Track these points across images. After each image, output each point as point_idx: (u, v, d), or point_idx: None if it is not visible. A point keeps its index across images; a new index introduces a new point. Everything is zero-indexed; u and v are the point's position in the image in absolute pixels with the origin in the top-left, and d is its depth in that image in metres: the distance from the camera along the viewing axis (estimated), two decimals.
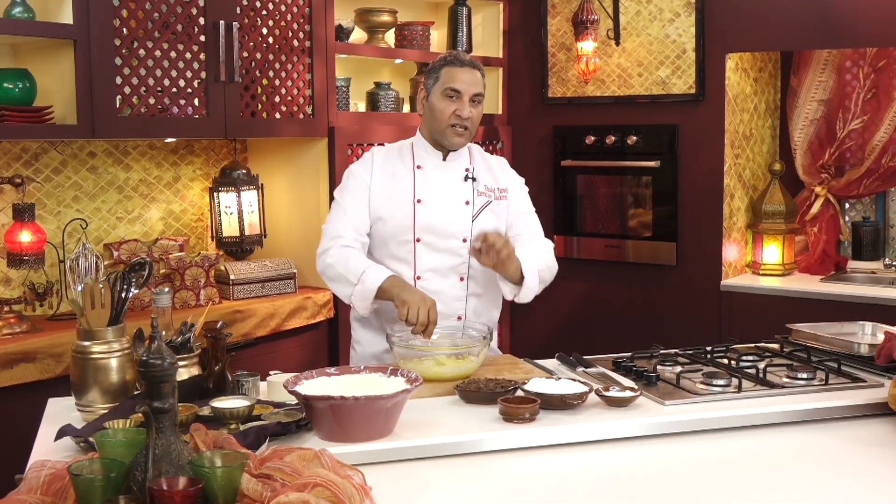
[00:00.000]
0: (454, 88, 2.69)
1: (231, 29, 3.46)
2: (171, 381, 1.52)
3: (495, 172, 2.85)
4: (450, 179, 2.78)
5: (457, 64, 2.71)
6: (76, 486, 1.44)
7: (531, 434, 1.98)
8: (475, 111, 2.72)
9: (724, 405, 2.15)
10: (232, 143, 3.99)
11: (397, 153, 2.82)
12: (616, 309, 4.54)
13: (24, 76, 3.06)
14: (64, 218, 3.44)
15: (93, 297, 2.09)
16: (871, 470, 1.86)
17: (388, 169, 2.78)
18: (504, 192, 2.83)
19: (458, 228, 2.75)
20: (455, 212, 2.75)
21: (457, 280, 2.76)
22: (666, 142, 4.35)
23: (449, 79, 2.70)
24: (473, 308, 2.79)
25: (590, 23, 4.31)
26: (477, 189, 2.79)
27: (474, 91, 2.70)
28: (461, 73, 2.70)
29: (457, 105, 2.69)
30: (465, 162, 2.81)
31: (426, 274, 2.73)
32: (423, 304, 2.48)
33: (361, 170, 2.79)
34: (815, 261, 4.43)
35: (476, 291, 2.79)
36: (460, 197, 2.77)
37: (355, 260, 2.65)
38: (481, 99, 2.74)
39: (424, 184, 2.76)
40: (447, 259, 2.75)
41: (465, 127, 2.71)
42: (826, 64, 4.43)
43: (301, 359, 3.79)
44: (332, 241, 2.71)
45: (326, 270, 2.70)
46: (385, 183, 2.76)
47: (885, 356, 2.41)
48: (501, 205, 2.82)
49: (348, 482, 1.51)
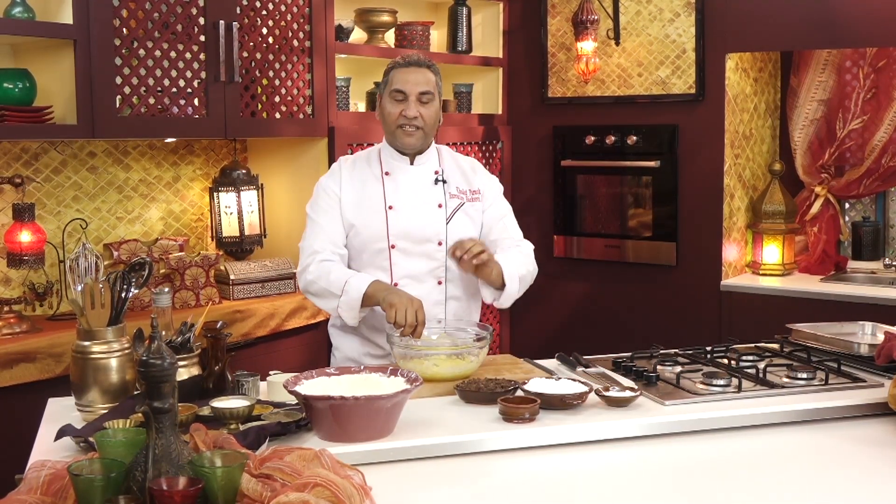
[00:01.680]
0: (398, 89, 2.68)
1: (231, 29, 3.46)
2: (171, 381, 1.52)
3: (466, 174, 2.83)
4: (420, 183, 2.76)
5: (402, 65, 2.71)
6: (76, 486, 1.44)
7: (531, 434, 1.98)
8: (425, 110, 2.70)
9: (724, 405, 2.15)
10: (232, 143, 3.99)
11: (365, 161, 2.80)
12: (616, 309, 4.54)
13: (24, 76, 3.06)
14: (64, 218, 3.44)
15: (93, 297, 2.09)
16: (871, 470, 1.86)
17: (357, 178, 2.76)
18: (476, 193, 2.81)
19: (433, 232, 2.73)
20: (428, 216, 2.73)
21: (435, 284, 2.75)
22: (666, 142, 4.35)
23: (395, 80, 2.70)
24: (453, 311, 2.77)
25: (590, 23, 4.32)
26: (448, 191, 2.76)
27: (420, 90, 2.68)
28: (406, 74, 2.69)
29: (403, 106, 2.68)
30: (434, 164, 2.79)
31: (403, 280, 2.71)
32: (410, 305, 2.47)
33: (330, 182, 2.78)
34: (815, 261, 4.43)
35: (455, 294, 2.77)
36: (432, 200, 2.75)
37: (336, 272, 2.64)
38: (431, 98, 2.70)
39: (395, 190, 2.74)
40: (423, 264, 2.73)
41: (415, 126, 2.69)
42: (826, 64, 4.43)
43: (301, 359, 3.78)
44: (310, 258, 2.70)
45: (309, 287, 2.69)
46: (355, 192, 2.74)
47: (885, 356, 2.41)
48: (475, 206, 2.80)
49: (348, 482, 1.51)
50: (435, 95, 2.72)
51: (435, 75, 2.73)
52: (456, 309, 2.78)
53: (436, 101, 2.73)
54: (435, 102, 2.72)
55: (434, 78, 2.73)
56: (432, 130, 2.75)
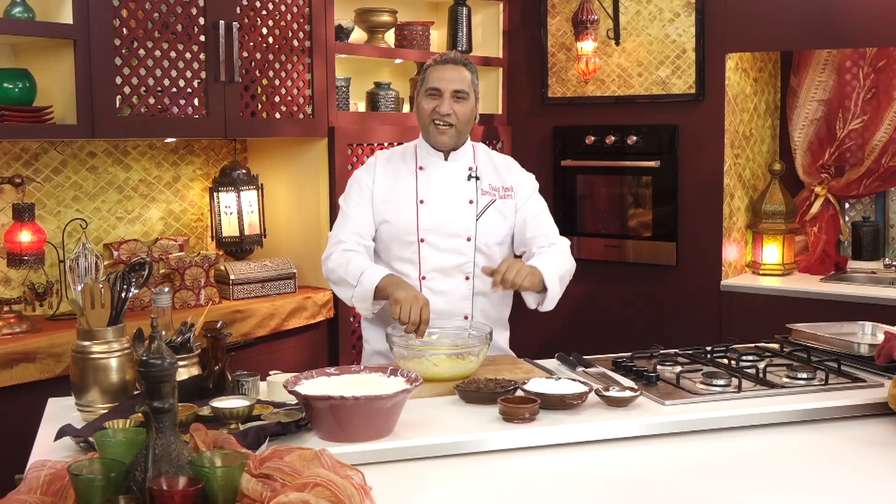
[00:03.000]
0: (434, 87, 2.72)
1: (231, 29, 3.46)
2: (171, 381, 1.52)
3: (501, 172, 2.85)
4: (452, 179, 2.79)
5: (439, 63, 2.75)
6: (76, 486, 1.44)
7: (531, 434, 1.98)
8: (459, 107, 2.72)
9: (724, 405, 2.15)
10: (232, 143, 3.99)
11: (400, 156, 2.84)
12: (616, 309, 4.54)
13: (24, 76, 3.06)
14: (64, 218, 3.44)
15: (93, 297, 2.09)
16: (871, 470, 1.86)
17: (391, 172, 2.80)
18: (509, 190, 2.83)
19: (462, 227, 2.75)
20: (458, 211, 2.76)
21: (462, 279, 2.76)
22: (666, 142, 4.35)
23: (430, 78, 2.74)
24: (481, 307, 2.79)
25: (590, 23, 4.32)
26: (481, 188, 2.79)
27: (454, 87, 2.71)
28: (441, 72, 2.73)
29: (437, 102, 2.72)
30: (469, 161, 2.82)
31: (431, 274, 2.74)
32: (415, 302, 2.48)
33: (364, 174, 2.82)
34: (815, 261, 4.43)
35: (483, 290, 2.79)
36: (463, 196, 2.77)
37: (355, 262, 2.66)
38: (466, 95, 2.73)
39: (427, 184, 2.77)
40: (452, 258, 2.75)
41: (448, 124, 2.72)
42: (826, 64, 4.43)
43: (301, 359, 3.79)
44: (334, 247, 2.73)
45: (329, 275, 2.73)
46: (388, 185, 2.78)
47: (885, 356, 2.41)
48: (507, 203, 2.82)
49: (348, 482, 1.51)
50: (470, 94, 2.75)
51: (471, 73, 2.77)
52: (484, 305, 2.80)
53: (470, 100, 2.76)
54: (470, 100, 2.75)
55: (470, 76, 2.75)
56: (466, 128, 2.78)
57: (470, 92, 2.74)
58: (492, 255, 2.80)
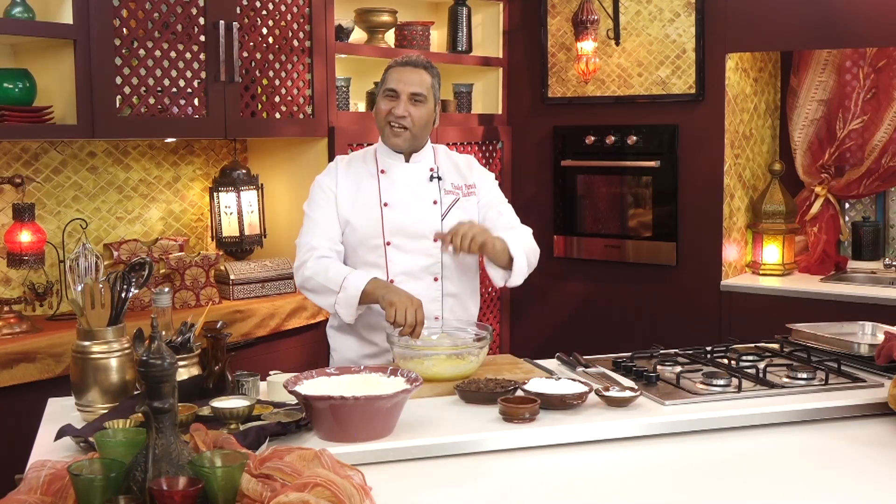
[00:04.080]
0: (391, 88, 2.70)
1: (231, 29, 3.46)
2: (171, 381, 1.52)
3: (462, 170, 2.84)
4: (415, 181, 2.77)
5: (399, 64, 2.73)
6: (76, 486, 1.44)
7: (531, 434, 1.98)
8: (415, 111, 2.69)
9: (724, 405, 2.15)
10: (232, 143, 3.99)
11: (361, 159, 2.81)
12: (616, 309, 4.54)
13: (24, 76, 3.06)
14: (64, 218, 3.44)
15: (93, 297, 2.09)
16: (871, 470, 1.86)
17: (353, 175, 2.77)
18: (472, 188, 2.82)
19: (428, 228, 2.74)
20: (423, 212, 2.74)
21: (431, 281, 2.75)
22: (666, 142, 4.35)
23: (389, 79, 2.72)
24: (450, 307, 2.78)
25: (590, 23, 4.32)
26: (443, 188, 2.78)
27: (412, 90, 2.68)
28: (400, 73, 2.71)
29: (393, 104, 2.69)
30: (430, 162, 2.80)
31: (399, 277, 2.72)
32: (410, 304, 2.47)
33: (326, 179, 2.78)
34: (815, 261, 4.43)
35: (452, 291, 2.78)
36: (427, 197, 2.76)
37: (335, 269, 2.64)
38: (424, 99, 2.70)
39: (389, 187, 2.75)
40: (419, 260, 2.74)
41: (403, 126, 2.70)
42: (826, 64, 4.43)
43: (301, 359, 3.79)
44: (307, 254, 2.69)
45: (306, 283, 2.69)
46: (350, 189, 2.75)
47: (885, 356, 2.41)
48: (470, 201, 2.81)
49: (348, 482, 1.51)
50: (428, 97, 2.72)
51: (432, 77, 2.74)
52: (453, 305, 2.79)
53: (428, 103, 2.72)
54: (427, 104, 2.72)
55: (430, 80, 2.73)
56: (421, 132, 2.74)
57: (428, 95, 2.71)
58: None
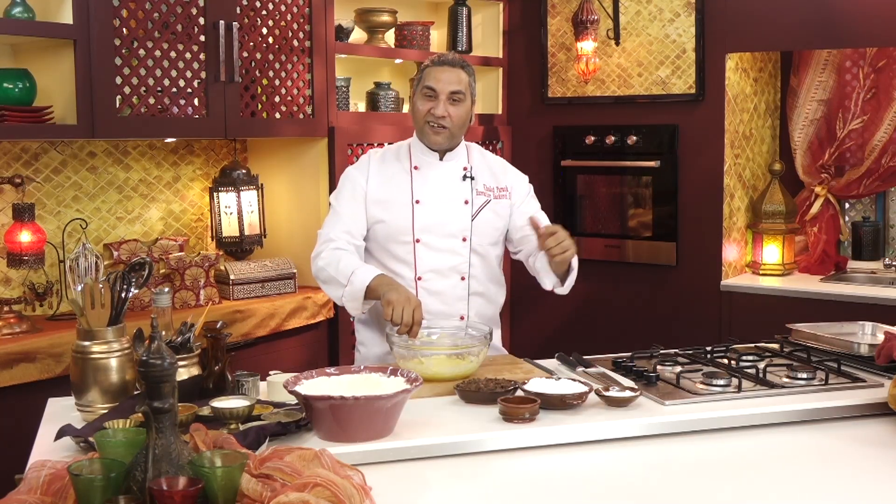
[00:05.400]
0: (430, 87, 2.71)
1: (231, 29, 3.46)
2: (171, 381, 1.52)
3: (495, 172, 2.85)
4: (447, 179, 2.78)
5: (437, 63, 2.74)
6: (76, 486, 1.44)
7: (531, 434, 1.98)
8: (454, 109, 2.71)
9: (724, 405, 2.15)
10: (232, 143, 3.99)
11: (394, 155, 2.82)
12: (616, 309, 4.54)
13: (24, 76, 3.06)
14: (64, 218, 3.44)
15: (93, 297, 2.09)
16: (871, 470, 1.86)
17: (385, 171, 2.78)
18: (504, 191, 2.83)
19: (458, 228, 2.75)
20: (454, 211, 2.76)
21: (458, 280, 2.76)
22: (666, 142, 4.35)
23: (427, 78, 2.73)
24: (476, 307, 2.79)
25: (590, 23, 4.31)
26: (475, 188, 2.79)
27: (451, 89, 2.70)
28: (438, 73, 2.71)
29: (432, 104, 2.70)
30: (463, 161, 2.81)
31: (427, 274, 2.73)
32: (407, 304, 2.47)
33: (357, 172, 2.79)
34: (815, 261, 4.43)
35: (478, 290, 2.79)
36: (459, 196, 2.77)
37: (346, 261, 2.65)
38: (462, 98, 2.72)
39: (422, 184, 2.76)
40: (447, 259, 2.75)
41: (442, 126, 2.71)
42: (826, 64, 4.43)
43: (301, 359, 3.79)
44: (323, 245, 2.71)
45: (319, 273, 2.71)
46: (382, 185, 2.76)
47: (885, 356, 2.41)
48: (501, 204, 2.82)
49: (348, 482, 1.51)
50: (466, 96, 2.74)
51: (468, 76, 2.75)
52: (479, 305, 2.80)
53: (466, 102, 2.74)
54: (465, 103, 2.74)
55: (467, 78, 2.74)
56: (460, 131, 2.77)
57: (466, 94, 2.73)
58: (486, 255, 2.80)
